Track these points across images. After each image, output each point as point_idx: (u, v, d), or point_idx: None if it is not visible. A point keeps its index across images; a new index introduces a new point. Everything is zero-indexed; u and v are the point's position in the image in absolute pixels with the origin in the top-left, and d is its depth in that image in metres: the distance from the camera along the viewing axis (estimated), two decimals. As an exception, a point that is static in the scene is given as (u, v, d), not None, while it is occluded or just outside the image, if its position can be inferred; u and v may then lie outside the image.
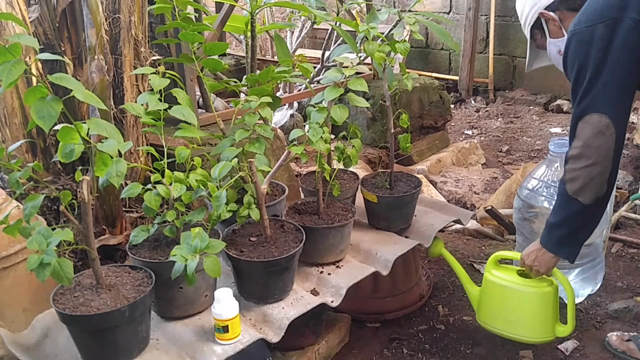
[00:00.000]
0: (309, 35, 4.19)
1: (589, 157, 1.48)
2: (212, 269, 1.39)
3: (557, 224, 1.64)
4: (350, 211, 1.91)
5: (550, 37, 1.72)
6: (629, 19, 1.38)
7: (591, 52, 1.43)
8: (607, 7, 1.42)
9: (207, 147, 2.28)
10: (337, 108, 1.75)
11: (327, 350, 1.99)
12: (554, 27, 1.70)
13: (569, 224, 1.62)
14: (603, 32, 1.41)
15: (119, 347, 1.40)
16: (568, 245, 1.66)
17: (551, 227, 1.67)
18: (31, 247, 1.28)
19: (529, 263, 1.76)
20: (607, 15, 1.41)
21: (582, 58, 1.46)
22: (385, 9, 2.35)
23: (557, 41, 1.71)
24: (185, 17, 1.61)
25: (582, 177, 1.50)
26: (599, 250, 2.25)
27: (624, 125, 1.49)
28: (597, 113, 1.45)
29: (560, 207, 1.62)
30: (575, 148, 1.51)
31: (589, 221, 1.62)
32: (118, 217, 2.14)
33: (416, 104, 3.79)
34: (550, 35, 1.73)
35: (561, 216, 1.62)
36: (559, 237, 1.66)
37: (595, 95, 1.45)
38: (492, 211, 2.80)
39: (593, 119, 1.46)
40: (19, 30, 1.92)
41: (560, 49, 1.66)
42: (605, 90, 1.44)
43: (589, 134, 1.47)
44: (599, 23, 1.42)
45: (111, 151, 1.30)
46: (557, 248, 1.68)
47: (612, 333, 1.99)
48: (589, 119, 1.47)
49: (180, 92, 1.59)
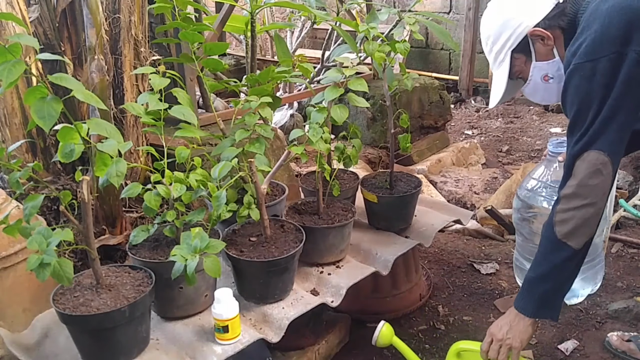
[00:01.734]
0: (309, 35, 4.19)
1: (584, 196, 1.38)
2: (212, 269, 1.39)
3: (540, 278, 1.47)
4: (350, 211, 1.91)
5: (537, 59, 1.55)
6: (634, 51, 1.30)
7: (593, 88, 1.34)
8: (608, 39, 1.32)
9: (207, 147, 2.28)
10: (337, 108, 1.75)
11: (327, 350, 1.99)
12: (544, 49, 1.52)
13: (555, 275, 1.45)
14: (606, 67, 1.32)
15: (119, 347, 1.40)
16: (551, 303, 1.48)
17: (532, 284, 1.49)
18: (31, 247, 1.28)
19: (501, 337, 1.51)
20: (610, 48, 1.32)
21: (584, 94, 1.36)
22: (385, 9, 2.35)
23: (544, 64, 1.54)
24: (185, 17, 1.61)
25: (576, 219, 1.39)
26: (598, 250, 2.25)
27: (619, 162, 1.41)
28: (596, 150, 1.36)
29: (544, 257, 1.46)
30: (570, 187, 1.40)
31: (575, 269, 1.46)
32: (118, 217, 2.14)
33: (416, 104, 3.79)
34: (536, 58, 1.54)
35: (546, 268, 1.45)
36: (541, 295, 1.47)
37: (595, 133, 1.36)
38: (492, 211, 2.80)
39: (591, 156, 1.37)
40: (19, 30, 1.92)
41: (546, 74, 1.55)
42: (606, 127, 1.35)
43: (586, 172, 1.37)
44: (601, 57, 1.32)
45: (111, 151, 1.30)
46: (539, 309, 1.48)
47: (612, 333, 1.99)
48: (587, 156, 1.37)
49: (180, 92, 1.59)
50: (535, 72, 1.56)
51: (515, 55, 1.55)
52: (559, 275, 1.45)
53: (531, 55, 1.55)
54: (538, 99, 1.65)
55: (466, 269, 2.57)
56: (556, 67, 1.53)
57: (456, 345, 1.70)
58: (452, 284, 2.45)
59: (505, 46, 1.55)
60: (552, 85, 1.56)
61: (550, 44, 1.51)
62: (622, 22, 1.31)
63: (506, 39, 1.54)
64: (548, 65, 1.54)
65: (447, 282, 2.47)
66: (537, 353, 1.99)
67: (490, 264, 2.58)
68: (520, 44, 1.53)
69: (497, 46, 1.56)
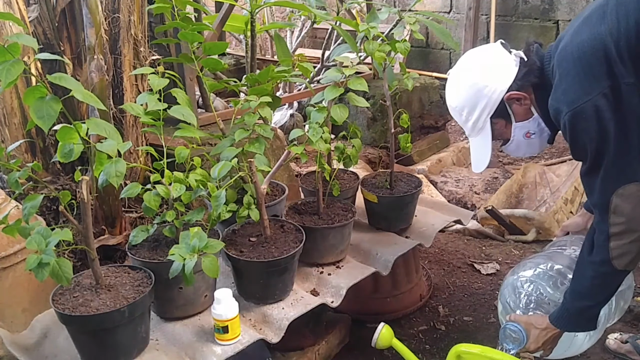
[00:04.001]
0: (309, 35, 4.19)
1: (635, 230, 1.39)
2: (210, 268, 1.39)
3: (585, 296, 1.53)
4: (350, 211, 1.91)
5: (517, 120, 1.55)
6: (624, 84, 1.29)
7: (603, 125, 1.32)
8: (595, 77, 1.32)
9: (207, 147, 2.27)
10: (337, 108, 1.75)
11: (327, 350, 1.98)
12: (522, 109, 1.53)
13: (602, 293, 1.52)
14: (605, 103, 1.31)
15: (119, 348, 1.40)
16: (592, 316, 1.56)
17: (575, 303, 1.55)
18: (30, 247, 1.28)
19: (535, 348, 1.62)
20: (598, 85, 1.31)
21: (595, 133, 1.34)
22: (385, 8, 2.35)
23: (525, 123, 1.55)
24: (184, 17, 1.61)
25: (633, 250, 1.42)
26: None
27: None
28: (633, 183, 1.36)
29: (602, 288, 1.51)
30: (618, 225, 1.40)
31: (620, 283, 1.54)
32: (117, 217, 2.14)
33: (416, 103, 3.78)
34: (516, 119, 1.55)
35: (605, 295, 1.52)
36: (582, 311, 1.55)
37: (622, 166, 1.36)
38: (492, 211, 2.80)
39: (629, 190, 1.36)
40: (18, 29, 1.92)
41: (528, 131, 1.56)
42: (631, 157, 1.34)
43: (631, 207, 1.37)
44: (595, 95, 1.31)
45: (110, 151, 1.29)
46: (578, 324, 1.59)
47: (611, 335, 1.99)
48: (624, 191, 1.36)
49: (179, 92, 1.58)
50: (517, 131, 1.57)
51: (494, 121, 1.56)
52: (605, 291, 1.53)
53: (510, 118, 1.56)
54: (521, 154, 1.69)
55: (467, 269, 2.57)
56: (536, 122, 1.55)
57: (457, 347, 1.69)
58: (453, 284, 2.45)
59: (483, 114, 1.55)
60: (534, 140, 1.58)
61: (528, 103, 1.52)
62: (600, 58, 1.30)
63: (483, 107, 1.53)
64: (529, 123, 1.55)
65: (448, 282, 2.47)
66: (537, 353, 1.98)
67: (491, 264, 2.57)
68: (498, 109, 1.53)
69: (474, 115, 1.56)
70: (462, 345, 1.70)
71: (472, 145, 1.65)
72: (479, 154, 1.63)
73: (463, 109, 1.58)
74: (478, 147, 1.63)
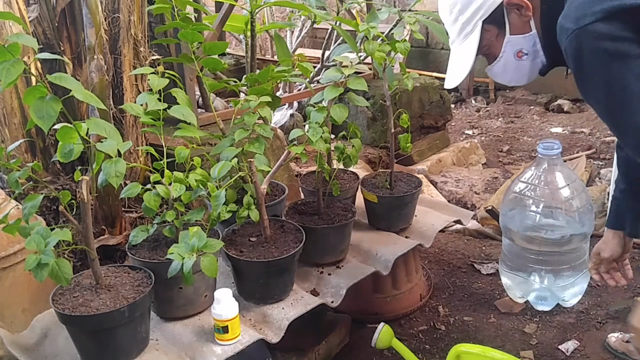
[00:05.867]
0: (309, 35, 4.18)
1: None
2: (209, 268, 1.39)
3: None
4: (350, 211, 1.91)
5: (511, 32, 1.35)
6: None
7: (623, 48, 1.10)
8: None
9: (207, 147, 2.27)
10: (337, 107, 1.75)
11: (327, 350, 1.98)
12: (520, 20, 1.33)
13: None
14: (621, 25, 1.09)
15: (119, 348, 1.40)
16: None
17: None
18: (29, 247, 1.28)
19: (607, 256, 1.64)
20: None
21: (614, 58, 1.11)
22: (385, 8, 2.35)
23: (520, 39, 1.35)
24: (184, 17, 1.61)
25: None
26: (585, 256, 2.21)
27: None
28: None
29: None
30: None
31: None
32: (117, 217, 2.14)
33: (416, 103, 3.78)
34: (511, 31, 1.35)
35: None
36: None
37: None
38: (492, 211, 2.79)
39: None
40: (18, 29, 1.92)
41: (521, 49, 1.36)
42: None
43: None
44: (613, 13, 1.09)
45: (110, 151, 1.29)
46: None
47: (612, 334, 1.99)
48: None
49: (179, 92, 1.58)
50: (509, 47, 1.36)
51: (486, 27, 1.35)
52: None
53: (505, 28, 1.35)
54: (506, 79, 1.45)
55: (467, 269, 2.57)
56: (532, 41, 1.35)
57: (457, 347, 1.69)
58: (453, 284, 2.45)
59: (475, 15, 1.34)
60: (525, 62, 1.38)
61: (528, 15, 1.31)
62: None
63: (477, 7, 1.33)
64: (524, 39, 1.34)
65: (448, 282, 2.47)
66: (537, 353, 1.98)
67: (491, 264, 2.57)
68: (493, 14, 1.33)
69: (464, 15, 1.35)
70: (462, 345, 1.70)
71: (454, 54, 1.44)
72: (458, 65, 1.42)
73: (455, 4, 1.36)
74: (459, 57, 1.41)
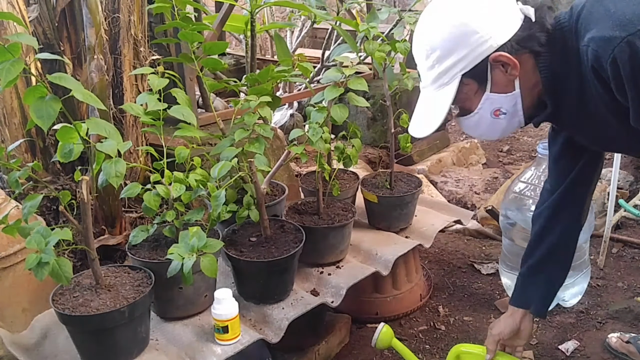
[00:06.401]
0: (309, 35, 4.18)
1: None
2: (209, 268, 1.39)
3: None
4: (350, 211, 1.91)
5: (492, 91, 1.21)
6: None
7: None
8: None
9: (207, 147, 2.27)
10: (337, 108, 1.75)
11: (327, 350, 1.98)
12: (505, 78, 1.19)
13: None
14: None
15: (119, 348, 1.40)
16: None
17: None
18: (30, 246, 1.28)
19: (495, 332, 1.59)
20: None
21: None
22: (385, 8, 2.35)
23: (501, 97, 1.21)
24: (184, 17, 1.61)
25: None
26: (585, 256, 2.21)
27: None
28: None
29: None
30: None
31: None
32: (117, 217, 2.14)
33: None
34: (492, 89, 1.21)
35: None
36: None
37: None
38: (492, 211, 2.79)
39: None
40: (18, 29, 1.92)
41: (499, 108, 1.23)
42: None
43: None
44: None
45: (110, 151, 1.29)
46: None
47: (612, 334, 1.98)
48: None
49: (179, 92, 1.58)
50: (487, 104, 1.23)
51: (465, 81, 1.20)
52: None
53: (486, 84, 1.21)
54: (477, 134, 1.35)
55: (467, 269, 2.57)
56: (514, 101, 1.22)
57: (456, 347, 1.69)
58: (453, 284, 2.45)
59: (455, 67, 1.19)
60: (501, 121, 1.25)
61: (514, 74, 1.18)
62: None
63: (459, 59, 1.18)
64: (505, 98, 1.22)
65: (448, 282, 2.46)
66: (537, 353, 1.98)
67: (491, 264, 2.57)
68: (476, 68, 1.18)
69: (443, 65, 1.20)
70: (462, 345, 1.70)
71: (425, 99, 1.29)
72: (428, 114, 1.28)
73: (434, 50, 1.20)
74: (430, 105, 1.27)
